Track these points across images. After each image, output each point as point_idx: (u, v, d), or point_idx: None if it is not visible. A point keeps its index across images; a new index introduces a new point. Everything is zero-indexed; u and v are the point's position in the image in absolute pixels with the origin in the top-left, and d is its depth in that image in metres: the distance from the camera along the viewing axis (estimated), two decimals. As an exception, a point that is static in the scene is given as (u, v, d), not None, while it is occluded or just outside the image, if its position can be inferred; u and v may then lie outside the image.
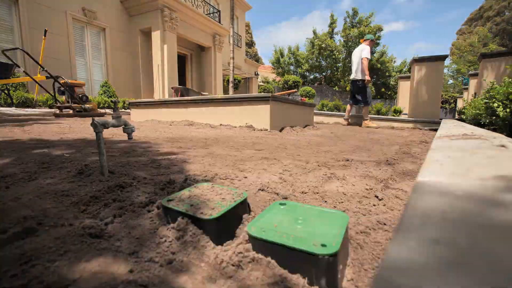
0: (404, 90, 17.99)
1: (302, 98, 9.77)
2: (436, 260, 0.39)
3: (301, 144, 3.64)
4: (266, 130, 5.22)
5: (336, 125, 9.43)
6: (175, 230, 0.99)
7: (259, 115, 5.34)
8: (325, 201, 1.44)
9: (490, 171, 0.91)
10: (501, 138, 1.94)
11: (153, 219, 1.10)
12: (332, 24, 34.48)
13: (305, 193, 1.55)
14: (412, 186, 1.66)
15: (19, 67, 8.23)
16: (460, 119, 8.86)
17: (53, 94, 8.46)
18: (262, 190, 1.55)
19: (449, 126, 4.15)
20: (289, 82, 18.47)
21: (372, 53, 32.04)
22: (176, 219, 1.04)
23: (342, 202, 1.43)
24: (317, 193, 1.55)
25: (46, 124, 5.01)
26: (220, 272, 0.78)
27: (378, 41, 32.27)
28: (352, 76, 9.16)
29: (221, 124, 5.81)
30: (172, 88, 12.16)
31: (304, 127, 6.93)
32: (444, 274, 0.36)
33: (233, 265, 0.80)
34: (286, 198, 1.46)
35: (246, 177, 1.80)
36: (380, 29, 31.92)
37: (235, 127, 5.62)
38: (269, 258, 0.81)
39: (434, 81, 12.30)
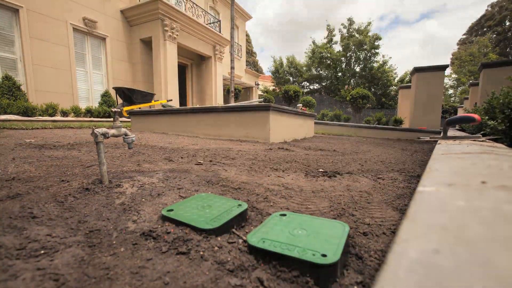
0: (405, 99, 18.07)
1: (302, 107, 9.82)
2: (436, 270, 0.39)
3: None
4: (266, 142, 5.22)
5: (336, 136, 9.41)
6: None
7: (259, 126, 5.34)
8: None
9: (490, 181, 0.91)
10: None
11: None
12: (330, 33, 34.70)
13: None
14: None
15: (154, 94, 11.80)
16: (461, 129, 8.85)
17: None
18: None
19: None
20: (289, 92, 18.48)
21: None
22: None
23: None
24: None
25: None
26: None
27: (376, 50, 32.42)
28: None
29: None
30: (113, 88, 11.39)
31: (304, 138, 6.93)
32: (444, 283, 0.36)
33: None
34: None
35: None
36: (378, 38, 32.10)
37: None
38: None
39: (434, 91, 12.34)
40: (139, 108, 10.35)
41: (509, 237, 0.48)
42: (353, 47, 32.54)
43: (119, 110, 1.77)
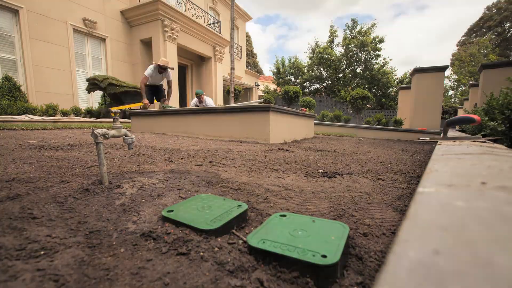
0: (405, 100, 18.08)
1: (302, 108, 9.71)
2: (436, 271, 0.39)
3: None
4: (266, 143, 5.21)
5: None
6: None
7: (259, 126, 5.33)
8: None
9: (490, 181, 0.91)
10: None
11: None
12: (332, 34, 34.67)
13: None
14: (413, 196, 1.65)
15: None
16: (461, 130, 8.86)
17: None
18: (262, 201, 1.54)
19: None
20: (289, 93, 18.48)
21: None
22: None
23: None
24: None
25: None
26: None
27: (378, 52, 32.33)
28: None
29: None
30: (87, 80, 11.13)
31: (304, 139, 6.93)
32: (444, 284, 0.36)
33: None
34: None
35: (246, 187, 1.79)
36: (381, 40, 32.01)
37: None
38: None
39: (434, 92, 12.36)
40: (129, 108, 10.29)
41: (510, 238, 0.48)
42: (354, 48, 32.51)
43: (118, 111, 1.77)
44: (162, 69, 9.12)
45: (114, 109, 9.68)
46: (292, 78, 36.54)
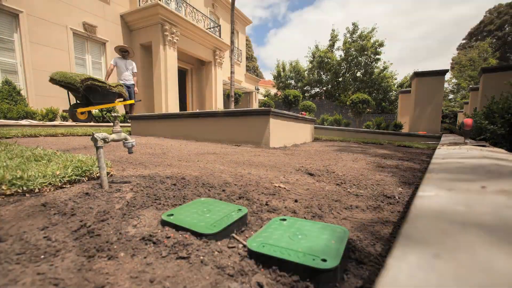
0: (405, 104, 18.10)
1: (302, 112, 9.70)
2: (436, 275, 0.39)
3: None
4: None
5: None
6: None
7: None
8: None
9: (490, 185, 0.91)
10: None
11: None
12: (333, 38, 34.62)
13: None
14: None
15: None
16: (461, 134, 8.86)
17: None
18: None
19: (449, 140, 4.16)
20: (289, 97, 18.49)
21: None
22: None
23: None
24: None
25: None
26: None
27: (378, 56, 32.28)
28: None
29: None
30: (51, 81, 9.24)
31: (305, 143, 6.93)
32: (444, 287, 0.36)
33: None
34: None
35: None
36: (381, 44, 31.98)
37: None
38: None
39: (434, 96, 12.38)
40: (100, 110, 9.87)
41: (510, 241, 0.48)
42: (354, 52, 32.50)
43: (118, 115, 1.77)
44: (123, 52, 9.59)
45: (80, 110, 9.08)
46: (292, 82, 36.52)
